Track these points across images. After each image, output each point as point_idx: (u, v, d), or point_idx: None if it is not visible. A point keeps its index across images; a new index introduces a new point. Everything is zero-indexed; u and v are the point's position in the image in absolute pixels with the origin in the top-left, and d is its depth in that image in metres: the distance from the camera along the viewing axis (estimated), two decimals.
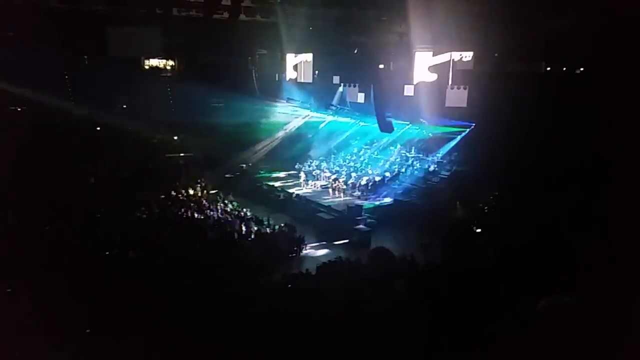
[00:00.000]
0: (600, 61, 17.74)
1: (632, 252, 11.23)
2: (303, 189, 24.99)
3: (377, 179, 24.16)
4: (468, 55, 21.06)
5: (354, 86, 26.13)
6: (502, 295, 11.32)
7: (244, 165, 27.91)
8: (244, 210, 20.50)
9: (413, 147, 25.90)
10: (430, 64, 22.02)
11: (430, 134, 25.22)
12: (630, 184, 12.94)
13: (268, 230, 18.42)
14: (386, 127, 22.27)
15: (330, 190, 24.53)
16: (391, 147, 26.77)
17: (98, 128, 25.99)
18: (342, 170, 26.11)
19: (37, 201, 17.59)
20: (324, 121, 29.40)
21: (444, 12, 19.55)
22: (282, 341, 9.57)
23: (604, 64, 17.43)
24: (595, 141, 16.38)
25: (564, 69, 21.03)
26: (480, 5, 19.38)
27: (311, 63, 26.74)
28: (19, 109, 24.78)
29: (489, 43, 20.29)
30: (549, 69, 21.48)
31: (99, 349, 9.28)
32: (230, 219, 19.15)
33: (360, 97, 25.72)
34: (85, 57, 25.51)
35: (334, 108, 27.59)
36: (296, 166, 28.03)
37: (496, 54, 21.53)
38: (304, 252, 17.66)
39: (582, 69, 20.35)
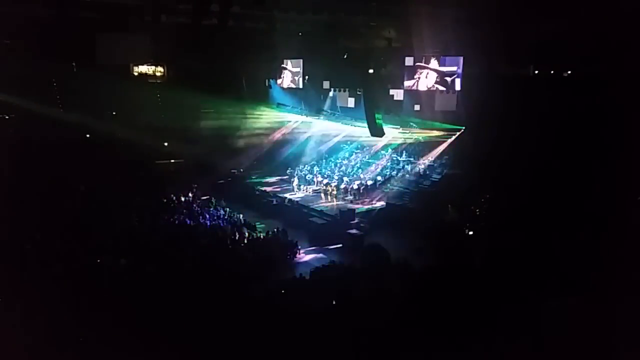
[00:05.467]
0: (588, 64, 17.97)
1: (622, 254, 11.36)
2: (295, 194, 24.96)
3: (369, 183, 24.21)
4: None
5: (344, 91, 26.17)
6: (493, 296, 11.39)
7: (236, 171, 27.84)
8: (237, 215, 20.44)
9: (404, 151, 25.98)
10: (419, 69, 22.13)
11: (420, 138, 25.29)
12: (621, 185, 13.10)
13: (261, 235, 18.38)
14: (377, 132, 22.36)
15: (322, 194, 24.52)
16: (382, 151, 26.82)
17: (88, 135, 25.82)
18: (334, 175, 26.12)
19: (26, 209, 17.40)
20: (314, 126, 29.41)
21: (432, 17, 19.70)
22: (277, 346, 9.55)
23: (592, 67, 17.67)
24: (585, 143, 16.56)
25: (552, 71, 21.23)
26: (468, 10, 19.53)
27: (301, 68, 26.76)
28: (6, 117, 24.56)
29: (478, 47, 20.44)
30: (537, 72, 21.68)
31: (92, 355, 9.21)
32: (222, 225, 19.07)
33: (351, 102, 25.76)
34: (74, 64, 25.32)
35: (324, 113, 27.62)
36: (288, 171, 28.02)
37: (484, 58, 21.67)
38: (298, 257, 17.62)
39: (570, 72, 20.57)
